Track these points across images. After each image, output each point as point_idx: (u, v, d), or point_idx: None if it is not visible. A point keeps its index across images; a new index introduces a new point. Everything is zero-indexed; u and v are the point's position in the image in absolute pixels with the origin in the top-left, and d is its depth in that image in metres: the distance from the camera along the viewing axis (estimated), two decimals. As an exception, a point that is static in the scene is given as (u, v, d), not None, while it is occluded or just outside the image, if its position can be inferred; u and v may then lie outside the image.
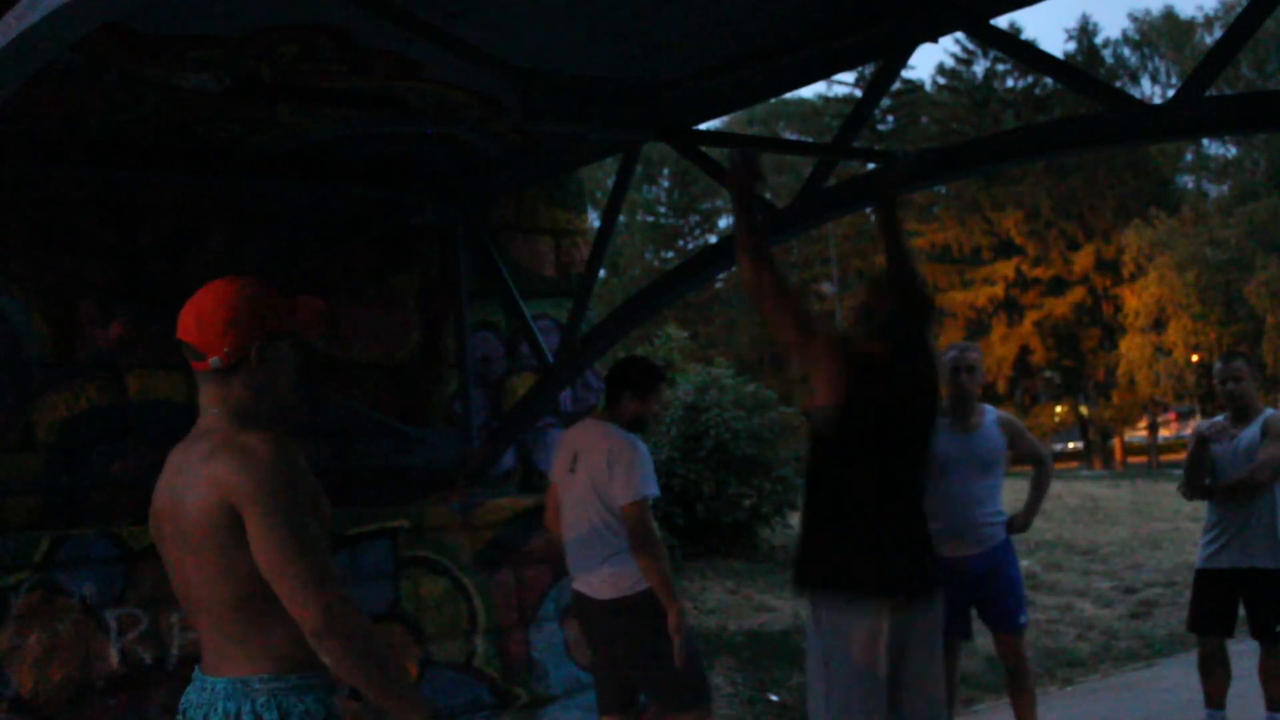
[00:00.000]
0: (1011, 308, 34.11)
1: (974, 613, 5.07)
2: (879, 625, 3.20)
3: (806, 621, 3.41)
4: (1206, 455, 5.35)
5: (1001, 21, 17.20)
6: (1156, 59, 36.24)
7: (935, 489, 4.73)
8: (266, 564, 2.14)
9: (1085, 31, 35.33)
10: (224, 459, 2.18)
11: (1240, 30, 3.32)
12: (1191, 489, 5.35)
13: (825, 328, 3.45)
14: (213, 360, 2.26)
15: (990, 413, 5.11)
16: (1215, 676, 5.27)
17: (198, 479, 2.20)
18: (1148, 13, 45.92)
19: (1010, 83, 34.43)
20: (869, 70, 22.55)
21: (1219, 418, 5.44)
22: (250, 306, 2.27)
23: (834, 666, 3.24)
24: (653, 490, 4.09)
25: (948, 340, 34.33)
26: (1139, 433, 37.53)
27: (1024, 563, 10.63)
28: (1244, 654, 5.43)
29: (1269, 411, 5.27)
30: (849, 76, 33.95)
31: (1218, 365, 5.46)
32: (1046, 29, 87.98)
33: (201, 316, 2.26)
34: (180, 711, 2.29)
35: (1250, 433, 5.21)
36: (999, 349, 33.59)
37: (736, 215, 3.46)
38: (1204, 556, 5.30)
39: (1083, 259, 32.80)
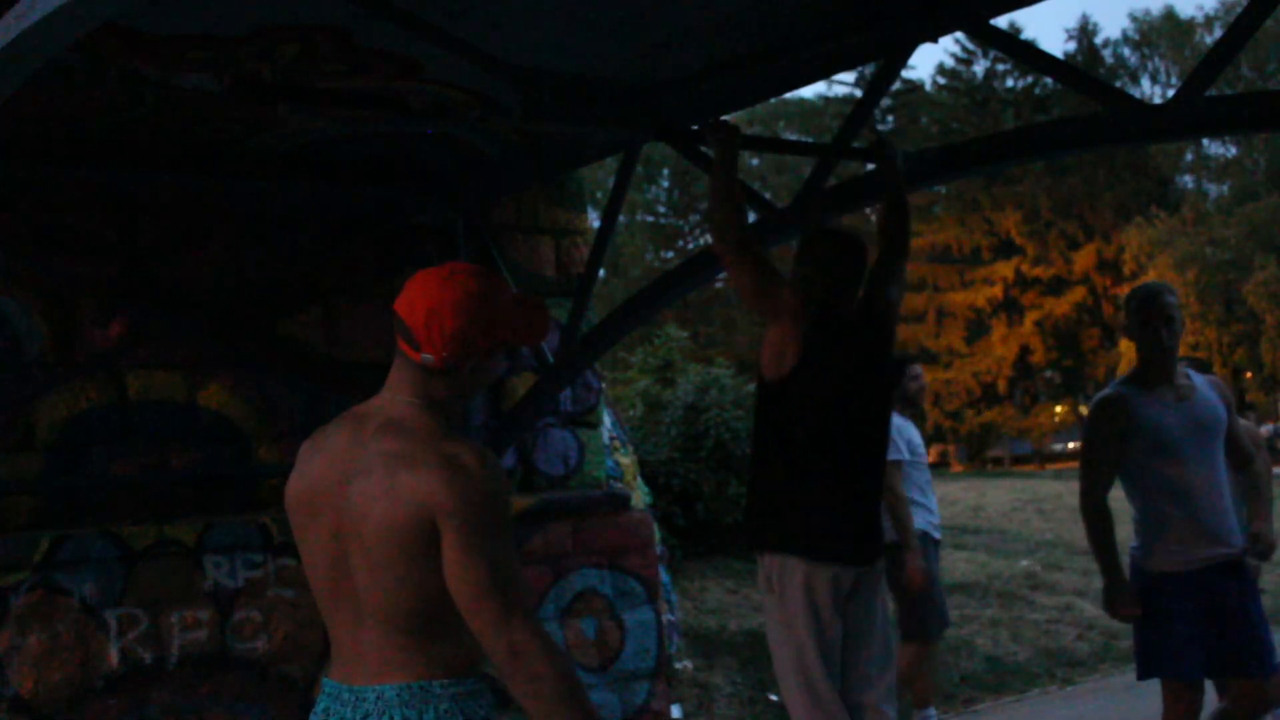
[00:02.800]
0: (1011, 308, 34.11)
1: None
2: (816, 584, 3.44)
3: (759, 575, 3.62)
4: None
5: (1001, 21, 17.21)
6: (1156, 59, 36.25)
7: (1157, 479, 4.03)
8: (460, 592, 2.00)
9: (1085, 31, 35.36)
10: (431, 471, 2.00)
11: (1240, 30, 3.32)
12: None
13: (790, 294, 3.56)
14: (425, 357, 2.09)
15: (1196, 375, 4.18)
16: None
17: (394, 486, 2.02)
18: (1148, 13, 45.97)
19: (1010, 83, 34.44)
20: (869, 70, 22.56)
21: None
22: (487, 322, 2.09)
23: (781, 629, 3.50)
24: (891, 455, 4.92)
25: (946, 341, 34.37)
26: (1139, 433, 37.52)
27: (1023, 563, 10.66)
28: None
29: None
30: (849, 76, 33.96)
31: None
32: (1046, 29, 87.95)
33: (433, 313, 2.07)
34: None
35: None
36: (999, 349, 33.59)
37: (720, 170, 3.60)
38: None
39: (1083, 259, 32.82)
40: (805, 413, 3.50)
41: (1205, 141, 32.49)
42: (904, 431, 5.68)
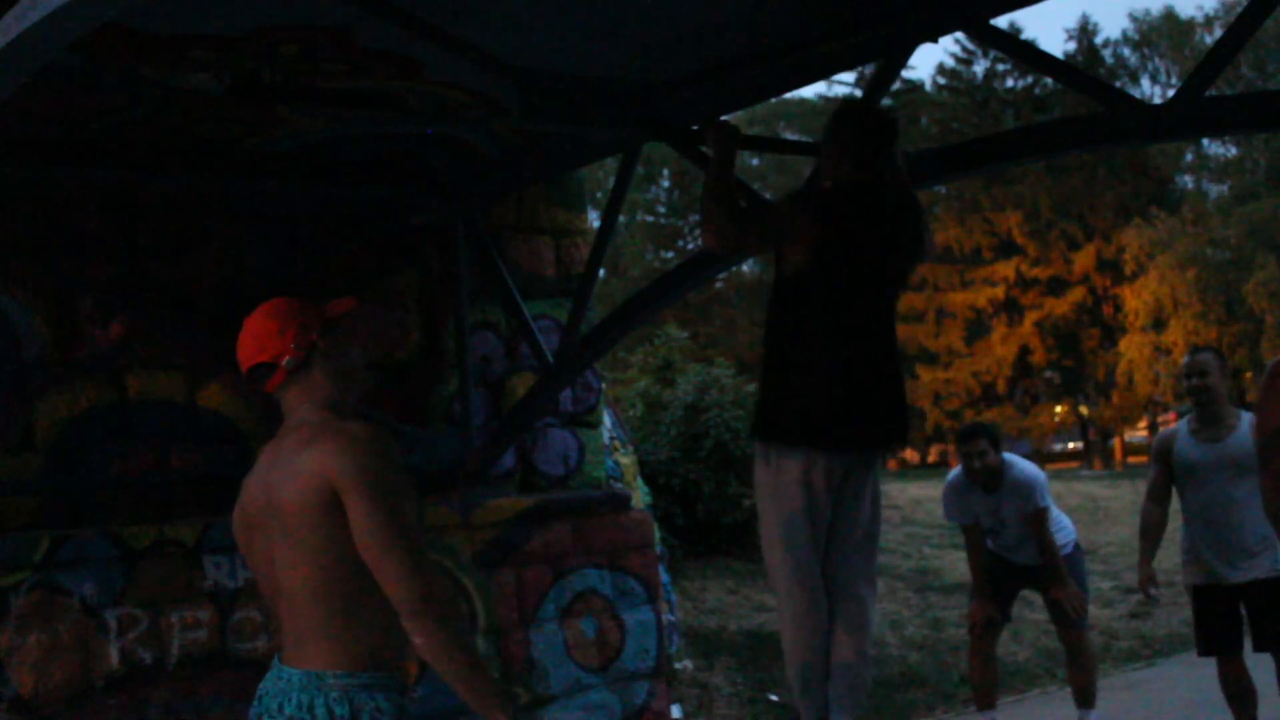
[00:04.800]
0: (1011, 308, 34.08)
1: None
2: (809, 468, 3.42)
3: (757, 451, 3.60)
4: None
5: (1001, 21, 17.13)
6: (1156, 59, 36.21)
7: None
8: (366, 545, 2.22)
9: (1085, 31, 35.29)
10: (326, 443, 2.27)
11: (1240, 30, 3.32)
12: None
13: (782, 210, 3.53)
14: (286, 361, 2.38)
15: None
16: (1244, 697, 4.90)
17: (298, 464, 2.28)
18: (1148, 13, 45.89)
19: (1010, 83, 34.39)
20: (869, 70, 22.55)
21: (1183, 421, 5.05)
22: (294, 307, 2.43)
23: (772, 500, 3.49)
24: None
25: (946, 341, 34.36)
26: (1139, 433, 37.50)
27: (1024, 563, 10.66)
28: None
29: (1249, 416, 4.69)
30: (849, 76, 33.88)
31: (1184, 359, 4.99)
32: (1046, 29, 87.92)
33: (257, 334, 2.41)
34: (258, 697, 2.38)
35: (1239, 437, 4.70)
36: (999, 349, 33.56)
37: (716, 168, 3.56)
38: (1198, 572, 4.92)
39: (1083, 259, 32.77)
40: (820, 306, 3.44)
41: (1205, 141, 32.46)
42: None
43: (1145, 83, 35.96)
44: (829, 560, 3.53)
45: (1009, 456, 5.62)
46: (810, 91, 43.19)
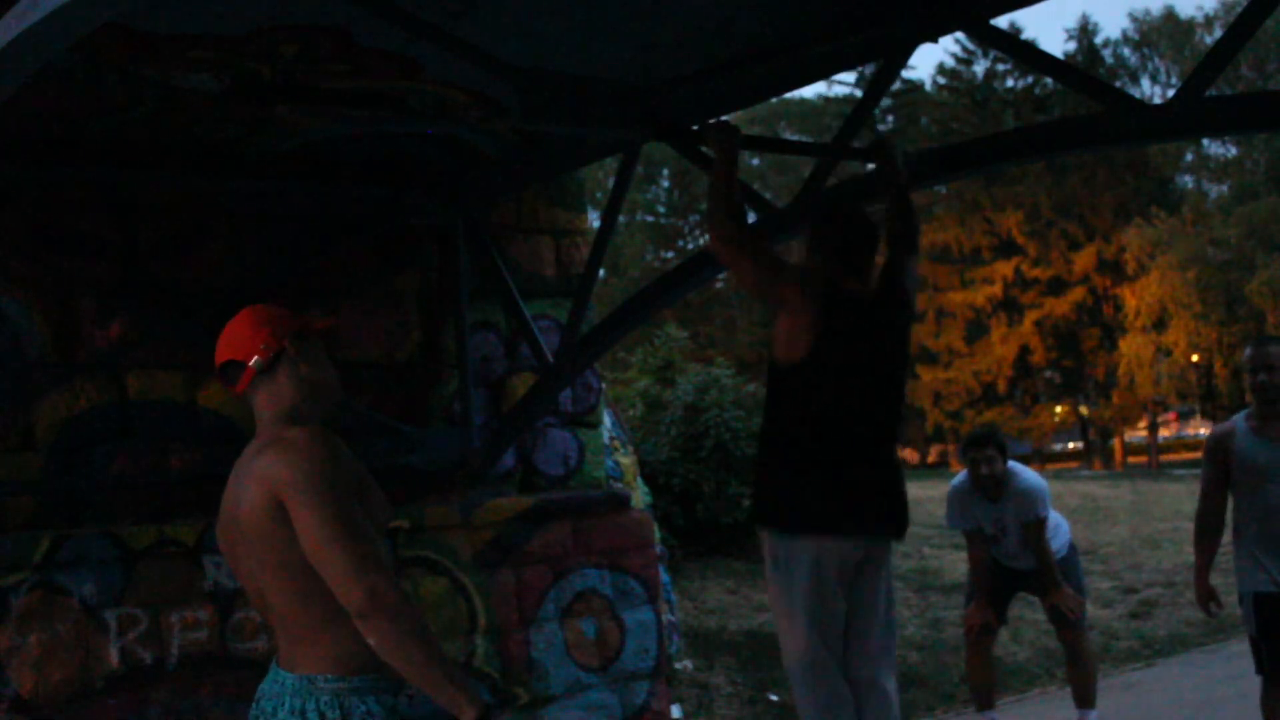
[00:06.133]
0: (1011, 308, 34.08)
1: None
2: (816, 558, 3.44)
3: (765, 548, 3.61)
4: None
5: (1001, 21, 17.16)
6: (1156, 59, 36.22)
7: None
8: (311, 550, 2.22)
9: (1085, 31, 35.31)
10: (269, 453, 2.30)
11: (1240, 30, 3.32)
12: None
13: (790, 286, 3.54)
14: (254, 361, 2.41)
15: None
16: None
17: (249, 477, 2.32)
18: (1148, 13, 45.91)
19: (1010, 83, 34.41)
20: (869, 70, 22.56)
21: (1238, 416, 4.71)
22: (269, 312, 2.48)
23: (784, 594, 3.50)
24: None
25: (946, 341, 34.36)
26: (1139, 433, 37.52)
27: (1024, 563, 10.64)
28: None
29: None
30: (849, 76, 33.93)
31: (1247, 351, 4.64)
32: (1046, 29, 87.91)
33: (231, 335, 2.46)
34: (256, 699, 2.42)
35: None
36: (999, 349, 33.57)
37: (720, 169, 3.58)
38: (1260, 579, 4.49)
39: (1083, 259, 32.78)
40: (820, 394, 3.47)
41: (1205, 141, 32.47)
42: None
43: (1145, 83, 35.99)
44: (850, 655, 3.53)
45: (1013, 465, 5.62)
46: (810, 91, 43.22)
